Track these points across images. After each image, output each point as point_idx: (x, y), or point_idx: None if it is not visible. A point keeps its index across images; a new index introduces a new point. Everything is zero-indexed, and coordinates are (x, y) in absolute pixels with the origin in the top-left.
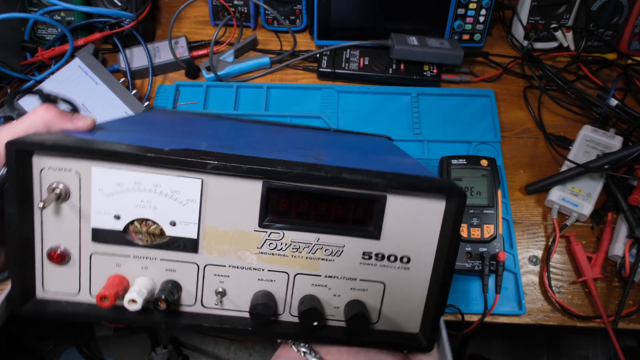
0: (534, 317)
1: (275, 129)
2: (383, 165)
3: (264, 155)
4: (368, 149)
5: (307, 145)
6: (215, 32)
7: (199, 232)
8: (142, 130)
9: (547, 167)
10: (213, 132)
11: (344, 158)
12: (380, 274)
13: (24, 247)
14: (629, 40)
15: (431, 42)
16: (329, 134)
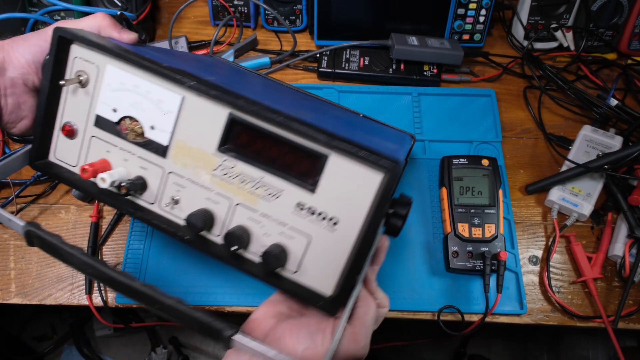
0: (534, 317)
1: (291, 93)
2: (352, 136)
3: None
4: (364, 130)
5: (303, 107)
6: (216, 32)
7: (170, 141)
8: (168, 57)
9: (547, 167)
10: (227, 76)
11: (325, 123)
12: (308, 228)
13: (47, 116)
14: (629, 40)
15: (431, 42)
16: (346, 113)
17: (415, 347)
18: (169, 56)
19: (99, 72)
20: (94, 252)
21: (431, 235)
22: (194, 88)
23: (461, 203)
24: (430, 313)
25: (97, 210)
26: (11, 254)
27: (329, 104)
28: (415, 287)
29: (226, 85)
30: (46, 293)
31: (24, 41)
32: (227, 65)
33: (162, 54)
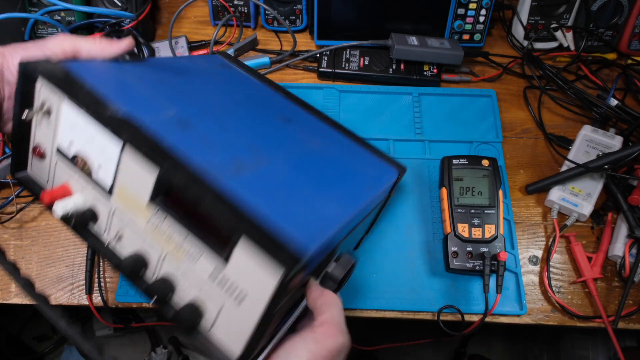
0: (534, 317)
1: (263, 112)
2: (287, 200)
3: (195, 144)
4: (316, 180)
5: (262, 145)
6: (215, 31)
7: (113, 183)
8: (139, 78)
9: (547, 167)
10: (200, 98)
11: (272, 181)
12: (220, 294)
13: (21, 135)
14: (629, 40)
15: (431, 42)
16: (319, 138)
17: (415, 347)
18: (143, 75)
19: (59, 104)
20: (93, 252)
21: (431, 235)
22: (128, 141)
23: (461, 203)
24: (430, 313)
25: None
26: (11, 254)
27: (305, 120)
28: (415, 287)
29: (169, 134)
30: (46, 293)
31: (23, 50)
32: (210, 74)
33: (137, 72)
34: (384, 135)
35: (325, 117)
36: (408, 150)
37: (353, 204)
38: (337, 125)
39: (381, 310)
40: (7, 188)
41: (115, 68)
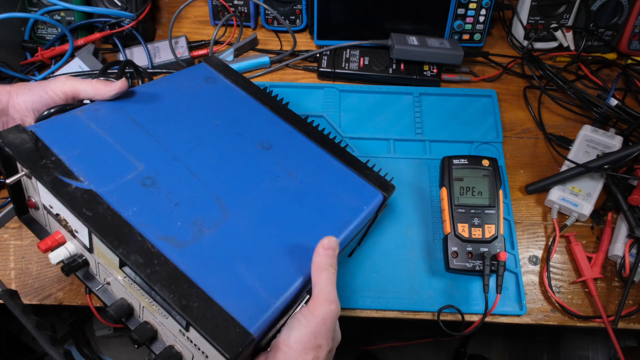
0: (534, 317)
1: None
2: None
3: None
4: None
5: (231, 193)
6: (215, 31)
7: (90, 244)
8: (110, 130)
9: (547, 167)
10: (172, 138)
11: (230, 244)
12: (190, 347)
13: (17, 191)
14: (629, 40)
15: (431, 42)
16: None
17: (415, 347)
18: (114, 124)
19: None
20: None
21: (431, 235)
22: (90, 228)
23: (461, 203)
24: (430, 313)
25: None
26: (11, 254)
27: (288, 141)
28: (415, 287)
29: (128, 205)
30: (46, 293)
31: (28, 90)
32: (190, 97)
33: (109, 119)
34: (384, 135)
35: (311, 130)
36: (408, 150)
37: (347, 225)
38: (323, 140)
39: (381, 310)
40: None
41: (87, 119)
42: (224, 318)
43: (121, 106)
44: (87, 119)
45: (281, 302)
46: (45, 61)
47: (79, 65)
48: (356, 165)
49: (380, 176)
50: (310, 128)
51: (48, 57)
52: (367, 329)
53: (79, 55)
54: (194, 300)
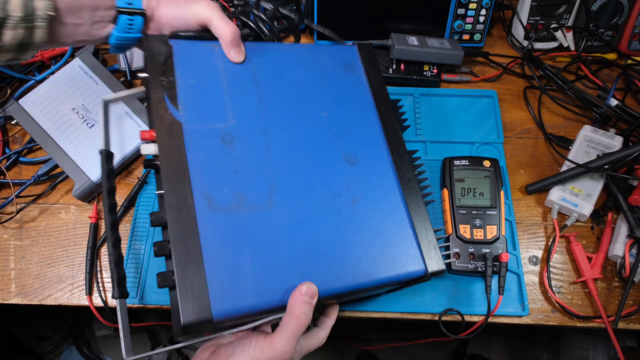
0: (534, 317)
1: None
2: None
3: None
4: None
5: (289, 187)
6: None
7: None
8: (231, 79)
9: (547, 167)
10: (274, 112)
11: (253, 230)
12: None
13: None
14: (629, 40)
15: (431, 42)
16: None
17: (415, 347)
18: (235, 76)
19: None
20: (93, 253)
21: None
22: (159, 157)
23: (463, 204)
24: (431, 314)
25: (97, 211)
26: (11, 254)
27: (374, 164)
28: (416, 289)
29: (199, 151)
30: (46, 293)
31: (172, 4)
32: (319, 78)
33: (235, 70)
34: None
35: (406, 165)
36: None
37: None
38: (408, 185)
39: (382, 311)
40: (7, 188)
41: (219, 56)
42: (201, 290)
43: (253, 57)
44: (219, 55)
45: (256, 308)
46: (45, 61)
47: (79, 65)
48: (423, 227)
49: (438, 253)
50: (406, 162)
51: (48, 57)
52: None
53: (79, 55)
54: (189, 261)
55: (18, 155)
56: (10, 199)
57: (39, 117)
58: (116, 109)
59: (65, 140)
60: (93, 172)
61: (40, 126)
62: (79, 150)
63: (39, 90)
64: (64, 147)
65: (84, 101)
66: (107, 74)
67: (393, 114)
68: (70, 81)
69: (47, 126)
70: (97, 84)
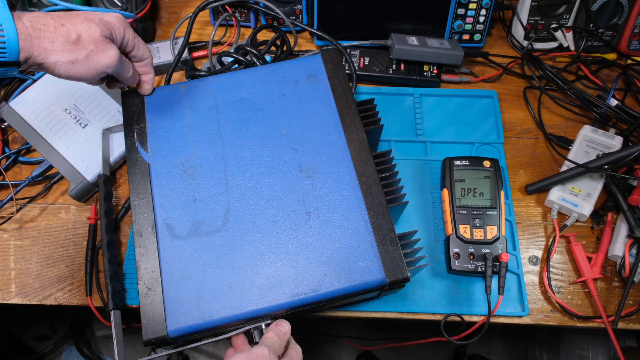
0: (534, 317)
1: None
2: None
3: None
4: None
5: (244, 207)
6: (212, 32)
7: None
8: (193, 115)
9: (547, 167)
10: (233, 137)
11: (209, 252)
12: None
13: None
14: (629, 40)
15: (431, 42)
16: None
17: (415, 347)
18: (197, 110)
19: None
20: (93, 254)
21: (433, 236)
22: (130, 189)
23: (463, 204)
24: (430, 314)
25: (95, 212)
26: (11, 254)
27: (332, 173)
28: (416, 289)
29: (162, 178)
30: (46, 293)
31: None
32: (278, 95)
33: (194, 105)
34: (384, 137)
35: (369, 170)
36: (409, 151)
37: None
38: (370, 191)
39: (382, 311)
40: (7, 189)
41: (185, 94)
42: (158, 312)
43: (214, 88)
44: (185, 94)
45: (212, 324)
46: None
47: None
48: (384, 235)
49: (401, 261)
50: (369, 167)
51: None
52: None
53: None
54: (152, 285)
55: (17, 155)
56: (9, 198)
57: (31, 119)
58: (118, 107)
59: (58, 140)
60: (88, 171)
61: (33, 127)
62: (72, 151)
63: (30, 92)
64: (57, 147)
65: (76, 101)
66: None
67: (357, 117)
68: (61, 82)
69: (39, 127)
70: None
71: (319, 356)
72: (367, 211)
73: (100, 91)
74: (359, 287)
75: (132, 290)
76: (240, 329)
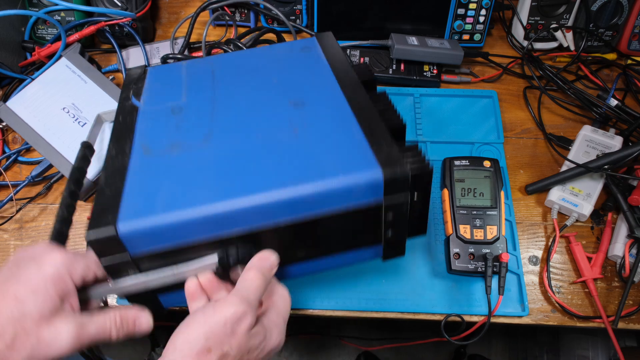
0: (534, 317)
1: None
2: None
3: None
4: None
5: (226, 129)
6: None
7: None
8: (189, 73)
9: (547, 167)
10: (223, 88)
11: (184, 167)
12: None
13: None
14: (629, 40)
15: (431, 42)
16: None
17: (415, 347)
18: (196, 69)
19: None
20: None
21: (432, 236)
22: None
23: (463, 205)
24: (430, 314)
25: None
26: (11, 254)
27: (323, 103)
28: (416, 289)
29: (150, 116)
30: None
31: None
32: (272, 59)
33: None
34: None
35: (357, 93)
36: None
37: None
38: (360, 108)
39: (382, 311)
40: (6, 189)
41: (185, 66)
42: (112, 206)
43: (212, 60)
44: (185, 66)
45: (167, 220)
46: (44, 60)
47: (65, 64)
48: (376, 133)
49: (399, 156)
50: (362, 97)
51: (45, 56)
52: (367, 329)
53: (65, 55)
54: (111, 186)
55: (17, 154)
56: (9, 198)
57: (29, 118)
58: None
59: (57, 140)
60: (89, 170)
61: (31, 127)
62: (72, 149)
63: (27, 91)
64: (56, 146)
65: (74, 100)
66: (95, 72)
67: (354, 75)
68: (58, 81)
69: (37, 126)
70: (85, 83)
71: (319, 356)
72: (358, 123)
73: (98, 89)
74: (352, 186)
75: None
76: (208, 258)
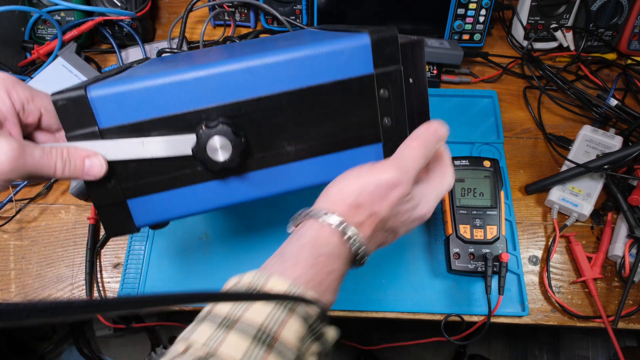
0: (534, 317)
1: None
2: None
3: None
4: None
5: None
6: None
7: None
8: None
9: (547, 167)
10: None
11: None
12: None
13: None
14: (629, 40)
15: (431, 42)
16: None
17: (415, 347)
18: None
19: None
20: (92, 254)
21: (432, 236)
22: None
23: (463, 204)
24: (430, 314)
25: (95, 212)
26: (11, 254)
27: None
28: (416, 289)
29: (142, 73)
30: (46, 293)
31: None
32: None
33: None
34: None
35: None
36: None
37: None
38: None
39: (382, 311)
40: (6, 189)
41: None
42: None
43: (214, 48)
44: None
45: (140, 86)
46: (43, 58)
47: (62, 64)
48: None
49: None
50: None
51: (44, 54)
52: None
53: (61, 54)
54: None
55: None
56: (9, 198)
57: None
58: None
59: None
60: None
61: None
62: None
63: None
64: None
65: None
66: (92, 71)
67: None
68: (55, 80)
69: None
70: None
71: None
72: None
73: None
74: (337, 51)
75: (132, 290)
76: (184, 136)
